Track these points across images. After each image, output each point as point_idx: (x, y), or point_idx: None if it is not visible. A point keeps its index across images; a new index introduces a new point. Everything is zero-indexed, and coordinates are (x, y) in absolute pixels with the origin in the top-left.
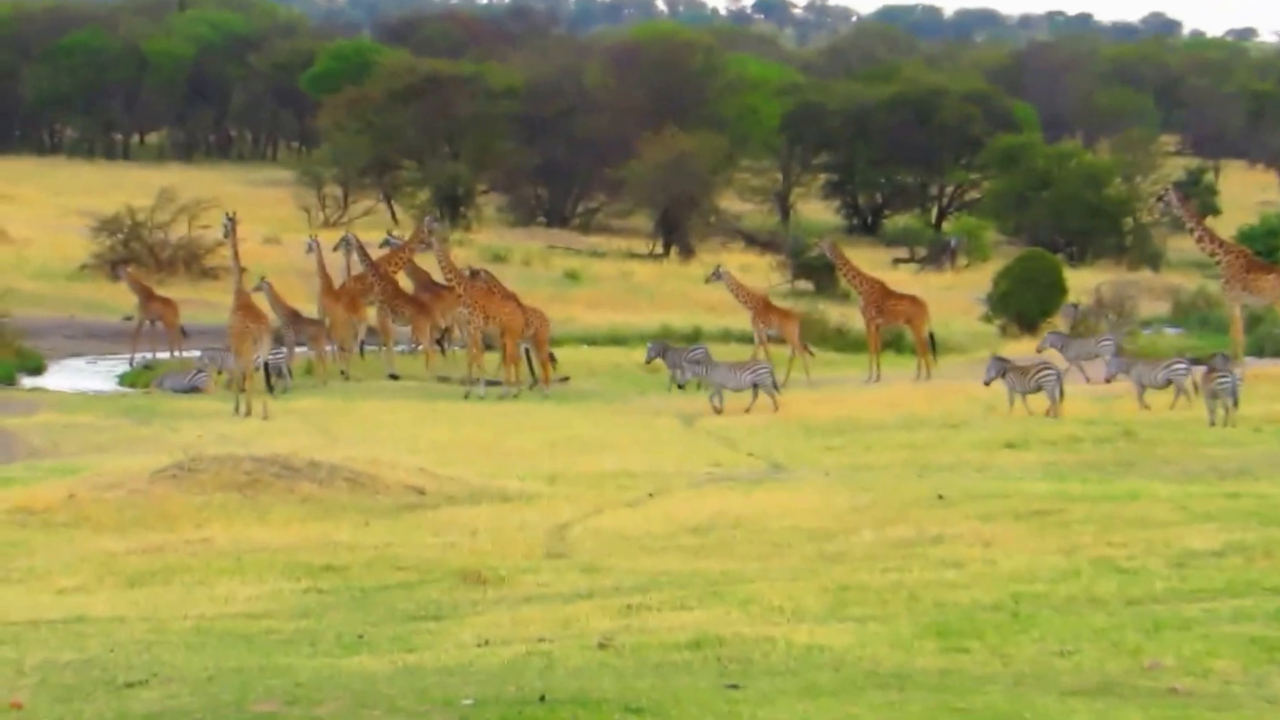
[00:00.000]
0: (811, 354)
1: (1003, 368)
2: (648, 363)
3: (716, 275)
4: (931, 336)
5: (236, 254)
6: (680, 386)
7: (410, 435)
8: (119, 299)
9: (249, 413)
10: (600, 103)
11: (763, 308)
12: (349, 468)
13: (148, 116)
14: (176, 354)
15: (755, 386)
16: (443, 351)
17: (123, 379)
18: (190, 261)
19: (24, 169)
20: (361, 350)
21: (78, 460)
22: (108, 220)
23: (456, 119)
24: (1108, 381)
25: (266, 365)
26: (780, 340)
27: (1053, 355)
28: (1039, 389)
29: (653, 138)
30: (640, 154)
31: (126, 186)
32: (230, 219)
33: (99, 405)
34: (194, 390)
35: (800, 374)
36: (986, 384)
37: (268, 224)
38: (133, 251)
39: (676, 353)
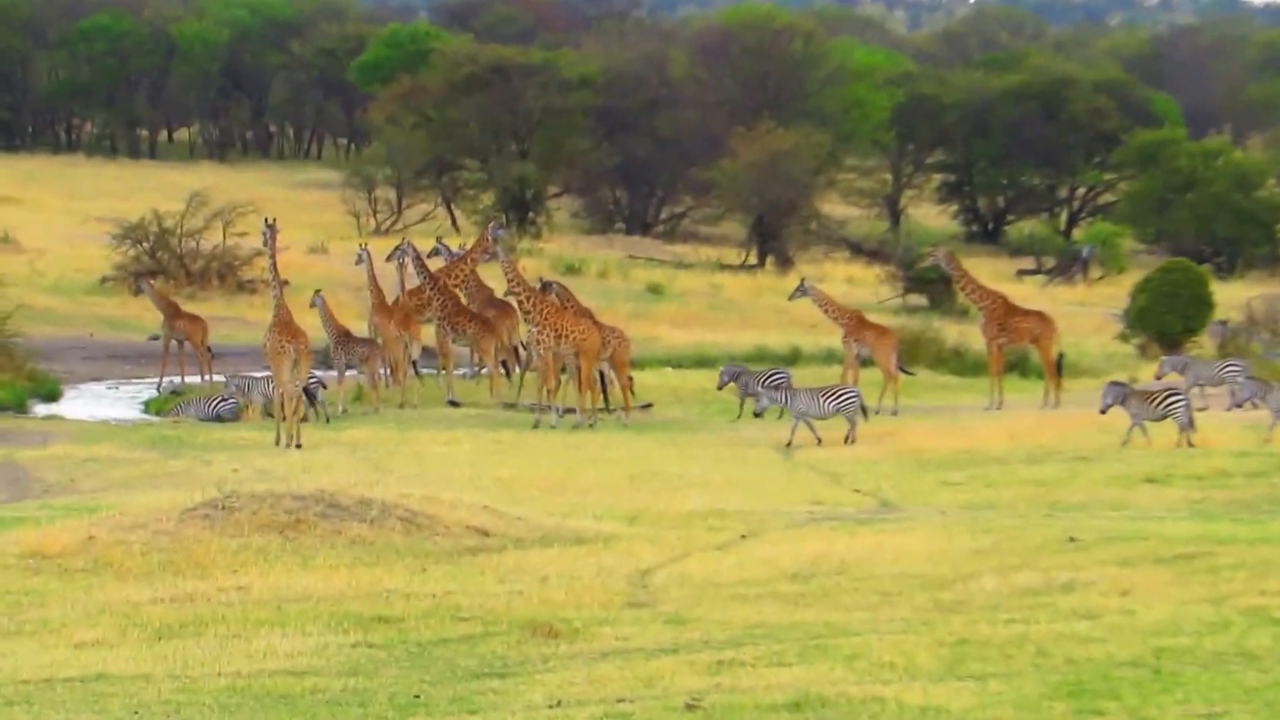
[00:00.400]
0: (910, 374)
1: (1121, 393)
2: (720, 388)
3: (801, 290)
4: (1060, 358)
5: (275, 265)
6: (758, 415)
7: (472, 470)
8: (144, 316)
9: (290, 444)
10: (686, 95)
11: (854, 324)
12: (403, 506)
13: (176, 110)
14: (206, 378)
15: (842, 415)
16: (508, 375)
17: (148, 406)
18: (225, 274)
19: (37, 169)
20: (417, 372)
21: (97, 498)
22: (131, 227)
23: (525, 113)
24: (1236, 408)
25: (308, 390)
26: (873, 362)
27: (1174, 380)
28: (1164, 417)
29: (746, 134)
30: (732, 152)
31: (152, 189)
32: (269, 225)
33: (121, 436)
34: (219, 419)
35: (894, 400)
36: (1102, 412)
37: (312, 231)
38: (160, 262)
39: (752, 377)
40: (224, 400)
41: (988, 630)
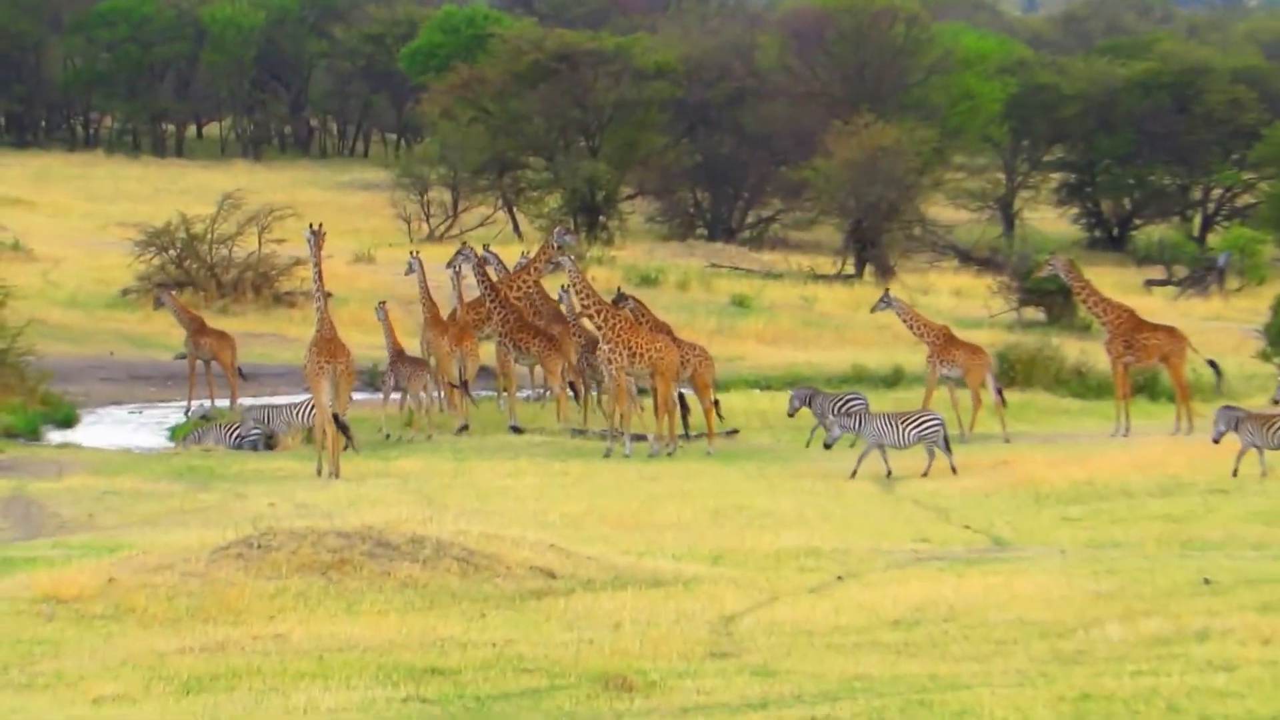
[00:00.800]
0: (1003, 402)
1: (1234, 418)
2: (791, 414)
3: (885, 302)
4: (1216, 371)
5: (320, 275)
6: (827, 446)
7: (537, 504)
8: (170, 333)
9: (334, 474)
10: (776, 86)
11: (942, 342)
12: (460, 545)
13: (206, 103)
14: (237, 401)
15: (925, 445)
16: (576, 398)
17: (175, 432)
18: (260, 285)
19: (52, 168)
20: (468, 393)
21: (118, 536)
22: (156, 233)
23: (595, 106)
24: None
25: (336, 418)
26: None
27: None
28: None
29: (842, 129)
30: (826, 150)
31: (179, 190)
32: (314, 232)
33: (145, 466)
34: (254, 448)
35: (993, 426)
36: (1215, 440)
37: (357, 238)
38: (188, 272)
39: (827, 400)
40: (243, 433)
41: (1113, 684)
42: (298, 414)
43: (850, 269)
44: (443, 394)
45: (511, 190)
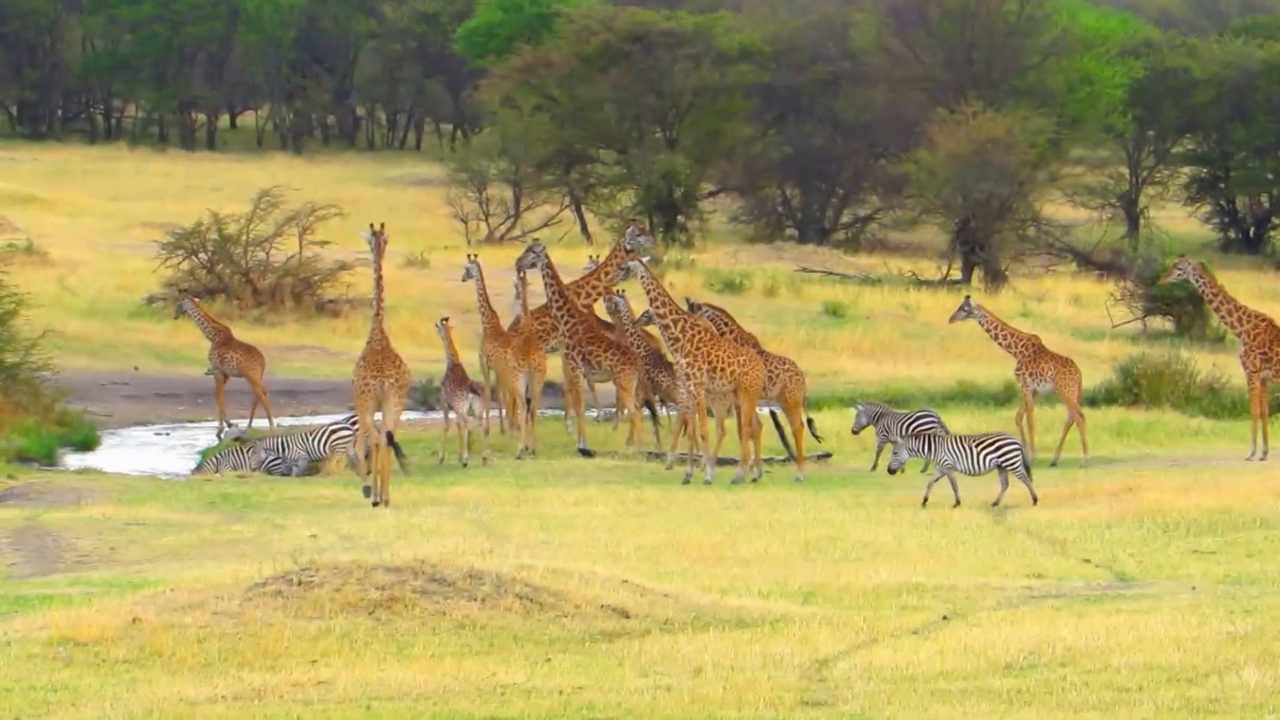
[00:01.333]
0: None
1: None
2: (856, 432)
3: (965, 310)
4: None
5: (381, 283)
6: (892, 471)
7: (609, 536)
8: (202, 345)
9: (382, 500)
10: (874, 70)
11: (1030, 355)
12: (523, 581)
13: (241, 90)
14: (270, 421)
15: (1002, 471)
16: (654, 418)
17: (206, 456)
18: (301, 292)
19: (69, 163)
20: (529, 408)
21: (143, 571)
22: (185, 235)
23: (672, 93)
24: None
25: (390, 437)
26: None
27: None
28: None
29: (947, 118)
30: (930, 141)
31: (211, 187)
32: (376, 234)
33: (173, 494)
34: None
35: (1092, 450)
36: None
37: (409, 240)
38: (221, 278)
39: (895, 419)
40: (258, 462)
41: None
42: (316, 440)
43: (956, 274)
44: (503, 412)
45: (579, 187)
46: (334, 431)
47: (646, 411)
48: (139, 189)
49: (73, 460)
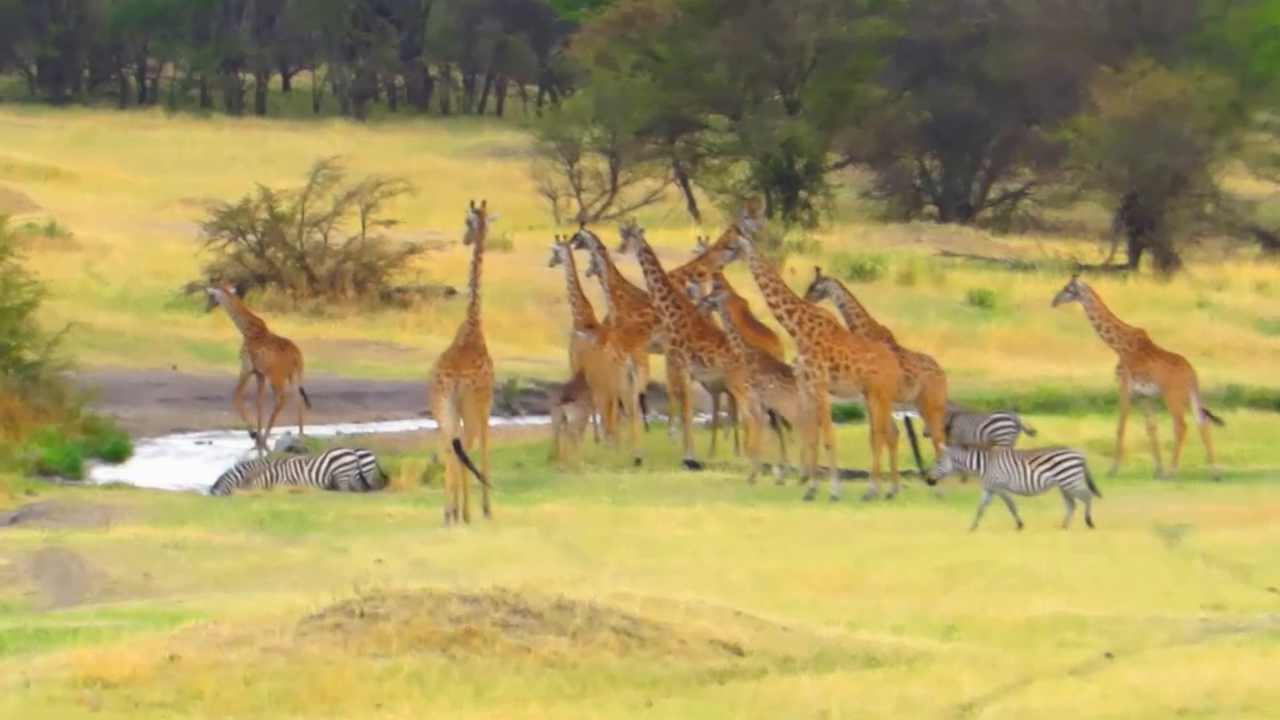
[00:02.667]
0: (1218, 421)
1: None
2: (926, 435)
3: (1070, 291)
4: None
5: (479, 269)
6: (931, 482)
7: (719, 561)
8: None
9: (455, 514)
10: (1027, 23)
11: (1135, 351)
12: (620, 613)
13: (295, 47)
14: (301, 431)
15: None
16: (774, 424)
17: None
18: (364, 280)
19: (97, 130)
20: (645, 413)
21: (182, 601)
22: (231, 213)
23: (794, 49)
24: None
25: (457, 446)
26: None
27: None
28: None
29: (1112, 78)
30: (1091, 104)
31: (260, 159)
32: (477, 212)
33: (216, 512)
34: (364, 484)
35: (1203, 462)
36: None
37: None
38: (272, 264)
39: (971, 420)
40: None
41: None
42: (312, 469)
43: (1122, 257)
44: (599, 418)
45: (686, 158)
46: (336, 459)
47: (767, 416)
48: (178, 160)
49: (101, 473)
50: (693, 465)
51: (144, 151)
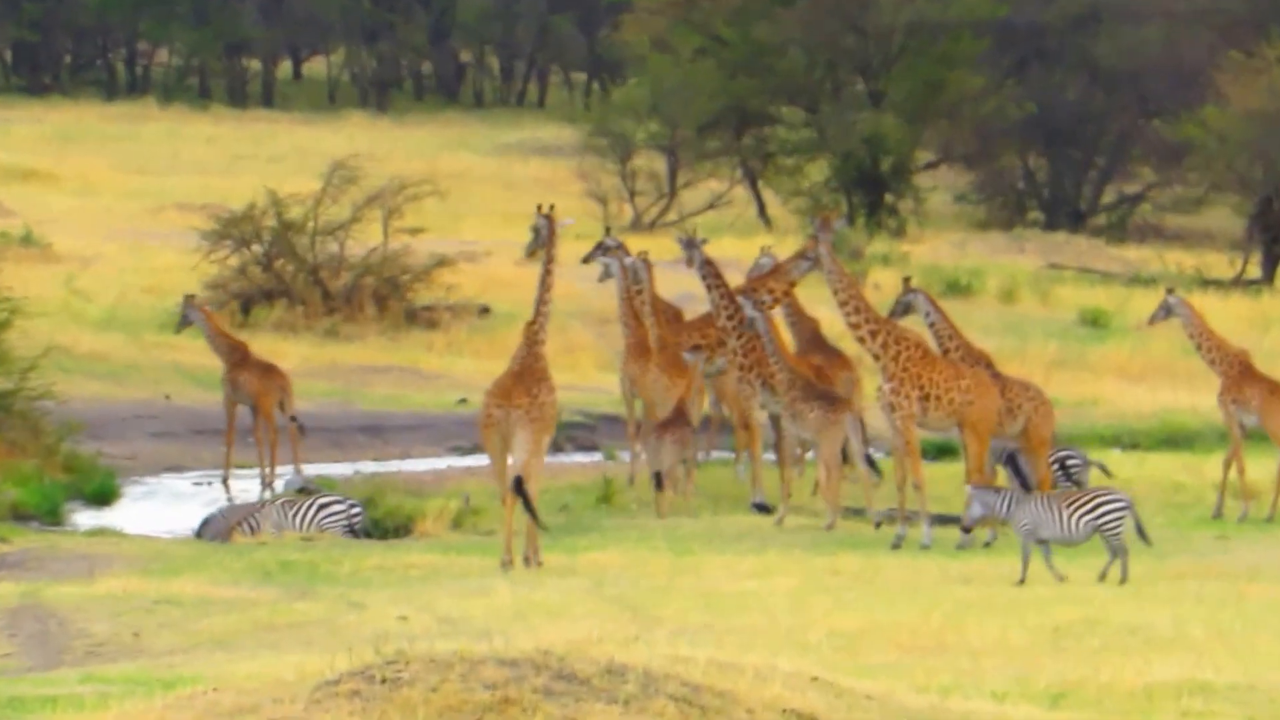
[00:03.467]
0: None
1: None
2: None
3: (1165, 309)
4: None
5: (548, 283)
6: (966, 530)
7: (793, 619)
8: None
9: (507, 562)
10: (1146, 3)
11: (1236, 375)
12: (680, 678)
13: (308, 29)
14: (298, 468)
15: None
16: (870, 463)
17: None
18: (386, 296)
19: (80, 124)
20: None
21: (177, 664)
22: (234, 220)
23: (878, 32)
24: None
25: (519, 482)
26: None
27: None
28: None
29: (1244, 65)
30: (1220, 95)
31: (268, 157)
32: (546, 216)
33: (217, 561)
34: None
35: None
36: None
37: (528, 225)
38: (280, 277)
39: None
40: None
41: None
42: (296, 516)
43: (1255, 270)
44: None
45: (755, 156)
46: (324, 507)
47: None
48: (173, 159)
49: (84, 518)
50: (762, 509)
51: (134, 149)
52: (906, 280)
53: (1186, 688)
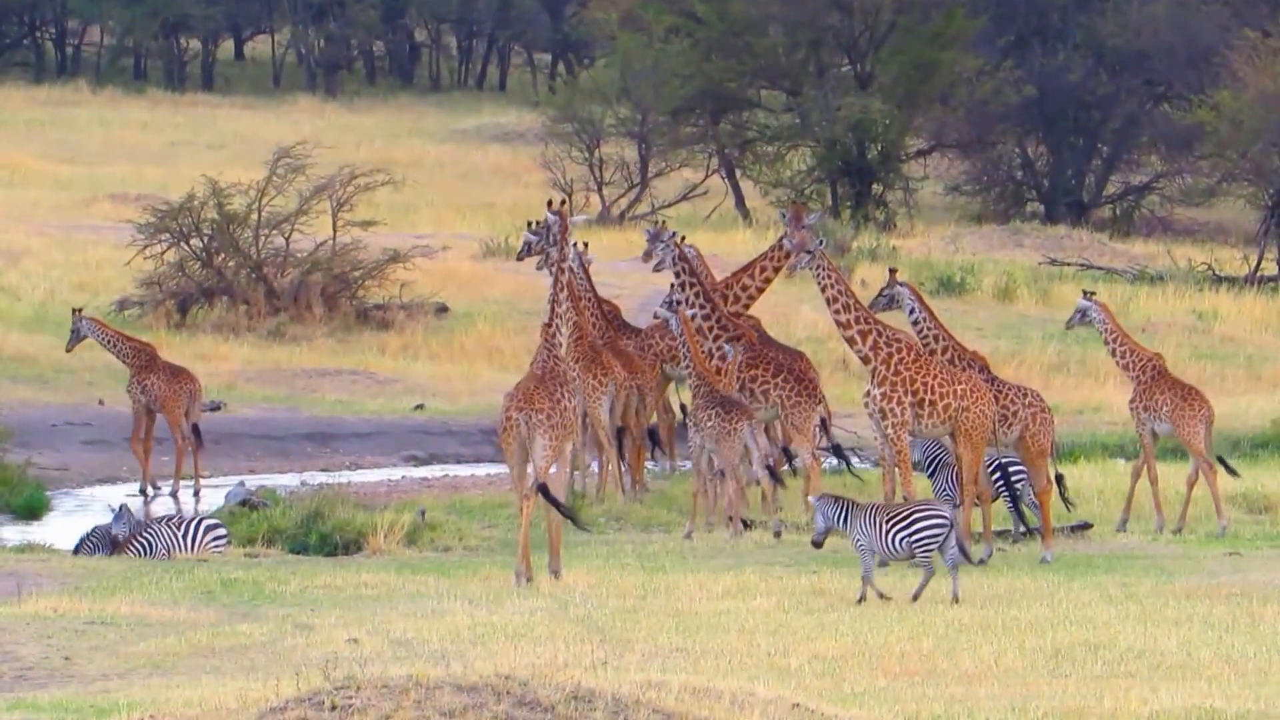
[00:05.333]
0: (1234, 473)
1: None
2: (816, 542)
3: (1080, 314)
4: None
5: (562, 282)
6: (816, 545)
7: (772, 641)
8: (197, 369)
9: (525, 576)
10: None
11: (1148, 379)
12: (651, 704)
13: (251, 7)
14: (191, 477)
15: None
16: (848, 466)
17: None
18: (336, 294)
19: (5, 109)
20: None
21: (111, 690)
22: (172, 212)
23: (865, 7)
24: None
25: (544, 488)
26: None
27: None
28: None
29: (1259, 45)
30: (1234, 77)
31: (208, 144)
32: (556, 211)
33: (154, 580)
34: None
35: (1220, 514)
36: None
37: (490, 218)
38: (222, 273)
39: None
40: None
41: None
42: (185, 534)
43: (1272, 267)
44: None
45: (733, 143)
46: (211, 529)
47: (839, 460)
48: (105, 146)
49: (10, 532)
50: (742, 524)
51: (64, 136)
52: (892, 272)
53: (1195, 716)
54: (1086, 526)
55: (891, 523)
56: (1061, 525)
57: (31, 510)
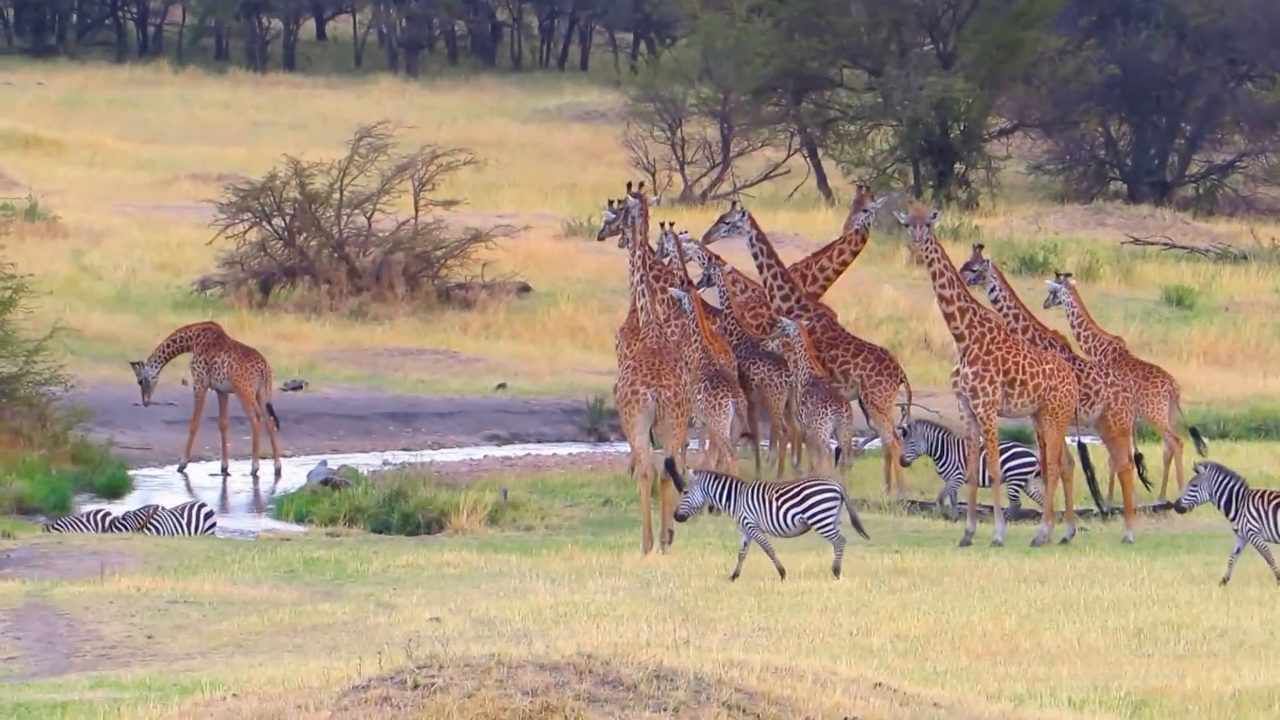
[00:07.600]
0: (1199, 443)
1: None
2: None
3: (1052, 295)
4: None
5: (645, 263)
6: (680, 518)
7: (854, 620)
8: (277, 346)
9: (665, 541)
10: None
11: (1109, 362)
12: (734, 684)
13: None
14: (277, 453)
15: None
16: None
17: (281, 506)
18: (418, 273)
19: (88, 90)
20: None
21: (195, 669)
22: (254, 191)
23: None
24: None
25: (670, 465)
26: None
27: None
28: None
29: None
30: None
31: (290, 125)
32: (637, 195)
33: (236, 559)
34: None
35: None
36: None
37: (572, 198)
38: (303, 253)
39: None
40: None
41: None
42: (186, 520)
43: None
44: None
45: (815, 123)
46: (210, 515)
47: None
48: (187, 127)
49: (91, 510)
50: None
51: (145, 116)
52: (978, 248)
53: (1277, 695)
54: (1169, 506)
55: (783, 499)
56: (1143, 504)
57: (114, 489)
